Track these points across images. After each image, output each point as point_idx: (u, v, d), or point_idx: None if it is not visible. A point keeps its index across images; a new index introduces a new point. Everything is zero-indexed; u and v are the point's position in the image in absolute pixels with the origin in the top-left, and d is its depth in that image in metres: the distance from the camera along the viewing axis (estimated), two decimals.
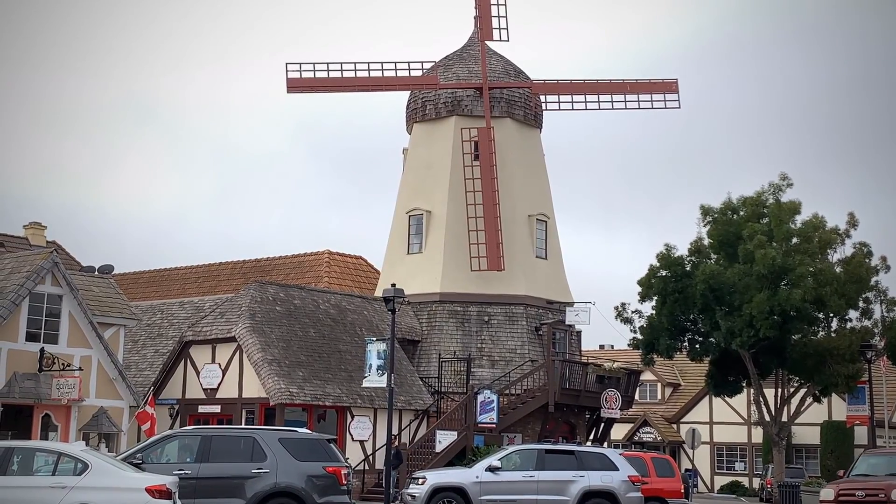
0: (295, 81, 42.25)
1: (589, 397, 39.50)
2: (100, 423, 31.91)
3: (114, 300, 35.88)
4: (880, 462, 24.17)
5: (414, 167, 44.04)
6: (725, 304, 36.48)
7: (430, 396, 39.42)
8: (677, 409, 61.11)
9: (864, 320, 38.32)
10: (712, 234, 38.36)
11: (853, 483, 22.41)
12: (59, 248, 50.55)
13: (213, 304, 40.97)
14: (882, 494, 21.11)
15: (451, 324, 41.08)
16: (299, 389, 34.90)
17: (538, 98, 44.10)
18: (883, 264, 37.86)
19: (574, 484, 24.51)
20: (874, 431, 39.88)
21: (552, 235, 43.96)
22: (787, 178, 38.40)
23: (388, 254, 44.49)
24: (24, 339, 30.61)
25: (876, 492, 21.34)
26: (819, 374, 37.10)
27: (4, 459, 16.40)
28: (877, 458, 24.78)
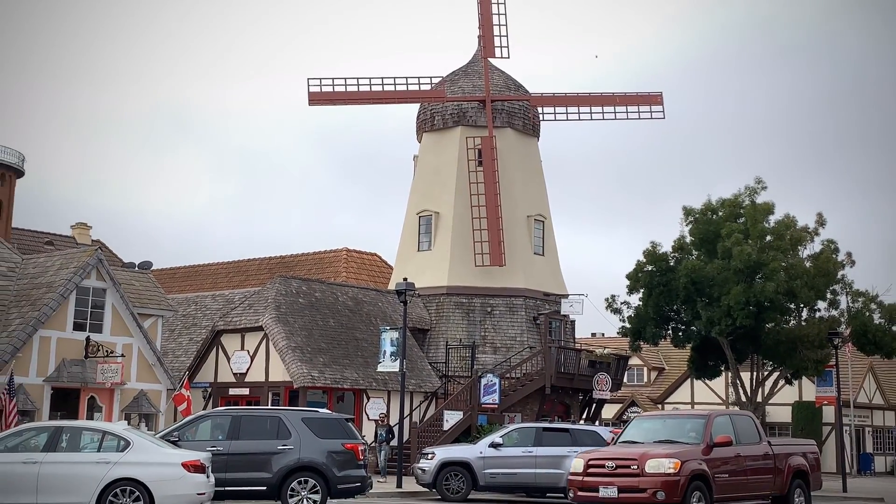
0: (316, 95, 42.26)
1: (582, 380, 39.49)
2: (140, 405, 31.97)
3: (152, 293, 35.94)
4: (653, 427, 19.41)
5: (423, 172, 44.03)
6: (706, 295, 36.43)
7: (438, 380, 39.45)
8: (662, 390, 61.05)
9: (831, 310, 38.21)
10: (694, 233, 38.28)
11: (604, 453, 17.86)
12: (103, 247, 50.63)
13: (242, 297, 41.02)
14: (634, 466, 16.73)
15: (457, 314, 41.10)
16: (320, 374, 34.95)
17: (536, 110, 44.09)
18: (848, 259, 37.73)
19: (568, 458, 24.36)
20: (840, 410, 39.80)
21: (549, 234, 43.93)
22: (761, 181, 38.30)
23: (400, 251, 44.49)
24: (71, 329, 30.68)
25: (628, 462, 16.88)
26: (790, 358, 37.02)
27: (54, 438, 16.44)
28: (650, 423, 20.05)
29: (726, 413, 20.13)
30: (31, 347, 29.63)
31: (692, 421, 18.77)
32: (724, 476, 17.43)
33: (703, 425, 17.95)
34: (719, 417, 18.60)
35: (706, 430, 17.72)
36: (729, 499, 17.79)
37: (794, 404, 53.45)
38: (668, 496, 16.17)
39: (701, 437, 17.68)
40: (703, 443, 17.53)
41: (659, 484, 16.27)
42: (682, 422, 19.27)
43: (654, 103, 43.35)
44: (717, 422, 18.16)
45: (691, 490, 16.39)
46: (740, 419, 19.28)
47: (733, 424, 18.58)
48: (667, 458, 16.59)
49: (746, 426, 19.11)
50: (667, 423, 19.34)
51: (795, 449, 20.47)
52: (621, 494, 16.59)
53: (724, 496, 17.48)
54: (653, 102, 43.36)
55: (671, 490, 16.18)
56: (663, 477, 16.28)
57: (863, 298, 38.11)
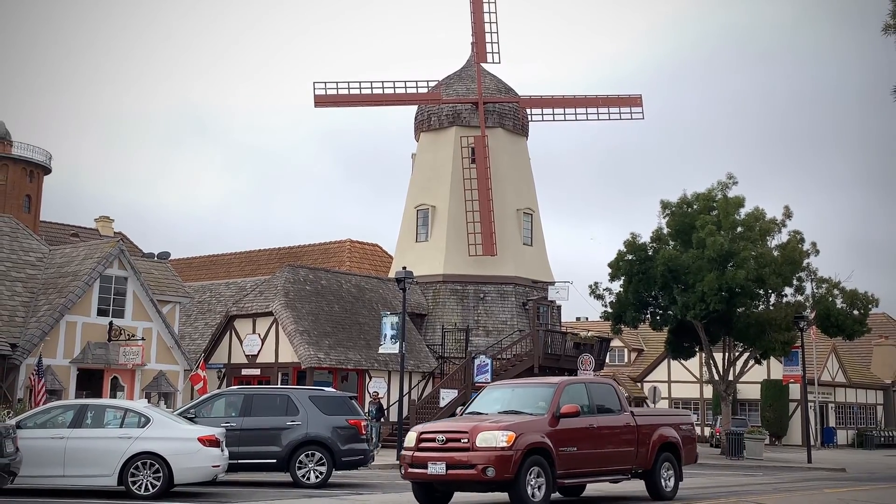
0: (321, 98, 42.21)
1: (568, 360, 39.52)
2: (159, 384, 31.98)
3: (170, 281, 35.91)
4: (502, 396, 16.28)
5: (421, 169, 44.00)
6: (681, 282, 36.46)
7: (434, 360, 39.48)
8: (641, 370, 61.17)
9: (797, 296, 38.31)
10: (670, 225, 38.29)
11: (436, 425, 15.15)
12: (124, 238, 50.59)
13: (253, 285, 41.00)
14: (465, 439, 14.00)
15: (452, 300, 41.13)
16: (326, 355, 34.96)
17: (525, 111, 44.06)
18: (813, 249, 37.78)
19: None
20: (805, 388, 39.94)
21: (537, 226, 43.94)
22: (733, 177, 38.33)
23: (399, 242, 44.48)
24: (95, 314, 30.67)
25: (458, 436, 14.15)
26: (760, 340, 37.09)
27: (80, 415, 16.44)
28: (500, 392, 16.70)
29: (581, 381, 16.76)
30: (59, 332, 29.63)
31: (543, 389, 15.65)
32: (570, 449, 14.75)
33: (552, 394, 15.16)
34: (572, 386, 15.74)
35: (554, 399, 14.98)
36: (578, 474, 15.19)
37: (762, 382, 53.58)
38: (498, 472, 13.63)
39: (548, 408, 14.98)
40: (549, 413, 14.79)
41: (489, 459, 13.68)
42: (532, 391, 16.01)
43: (634, 105, 43.33)
44: (569, 390, 15.44)
45: (528, 465, 13.87)
46: (598, 387, 16.51)
47: (589, 393, 15.85)
48: (500, 430, 13.93)
49: (605, 395, 16.34)
50: (516, 393, 16.25)
51: (664, 420, 17.36)
52: (450, 471, 13.95)
53: (570, 471, 14.88)
54: (633, 104, 43.34)
55: (502, 466, 13.65)
56: (495, 451, 13.70)
57: (826, 285, 38.21)
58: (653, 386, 52.57)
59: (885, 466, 35.06)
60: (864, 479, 26.31)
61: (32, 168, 64.33)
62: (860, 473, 29.84)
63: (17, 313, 29.65)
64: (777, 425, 53.63)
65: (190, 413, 19.12)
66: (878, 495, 19.57)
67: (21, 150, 64.33)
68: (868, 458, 41.81)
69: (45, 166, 65.77)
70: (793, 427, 54.07)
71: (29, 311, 29.88)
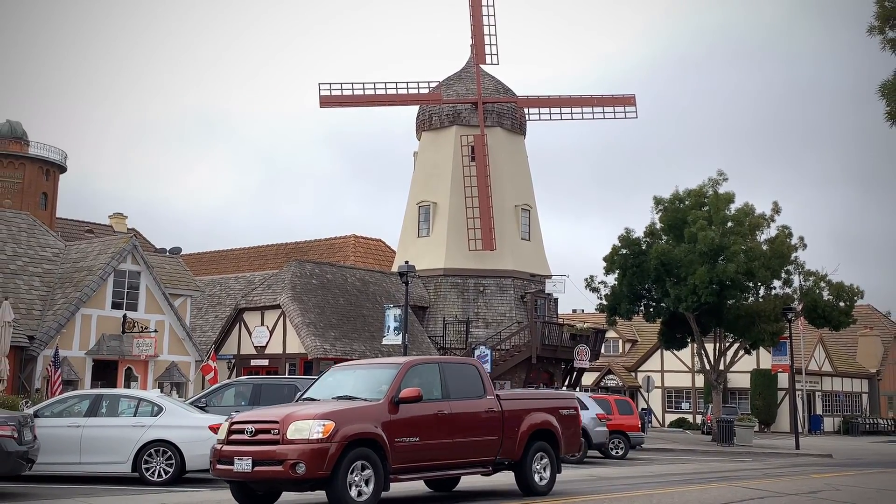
0: (326, 98, 42.17)
1: (564, 351, 39.57)
2: (171, 375, 32.00)
3: (182, 275, 35.93)
4: (343, 380, 13.59)
5: (422, 167, 43.98)
6: (674, 275, 36.48)
7: (436, 351, 39.47)
8: (635, 360, 61.22)
9: (785, 288, 38.32)
10: (663, 220, 38.29)
11: (248, 415, 12.44)
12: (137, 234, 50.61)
13: (261, 279, 40.99)
14: (275, 431, 11.54)
15: (453, 293, 41.13)
16: (331, 346, 34.97)
17: (523, 110, 44.02)
18: (801, 243, 37.79)
19: None
20: (793, 377, 39.97)
21: (534, 221, 43.92)
22: (723, 174, 38.33)
23: (402, 237, 44.47)
24: (110, 307, 30.69)
25: (268, 426, 11.68)
26: (749, 331, 37.11)
27: (95, 404, 16.46)
28: (342, 374, 13.93)
29: (435, 361, 14.29)
30: (74, 324, 29.65)
31: (386, 371, 13.12)
32: (412, 440, 12.32)
33: (394, 377, 12.70)
34: (420, 367, 13.28)
35: (394, 382, 12.52)
36: (421, 468, 12.67)
37: (752, 372, 53.62)
38: (310, 468, 11.20)
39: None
40: (385, 398, 12.33)
41: (300, 453, 11.24)
42: (374, 373, 13.45)
43: (627, 104, 43.29)
44: (416, 372, 13.01)
45: (350, 460, 11.46)
46: (457, 369, 13.91)
47: (443, 375, 13.36)
48: (316, 419, 11.46)
49: (465, 377, 13.76)
50: (358, 375, 13.65)
51: (538, 404, 14.72)
52: (256, 468, 11.48)
53: (411, 465, 12.40)
54: (627, 104, 43.30)
55: (316, 461, 11.20)
56: (308, 444, 11.26)
57: (813, 278, 38.20)
58: (646, 376, 52.67)
59: (870, 452, 35.09)
60: (849, 465, 26.33)
61: (49, 167, 64.34)
62: (846, 459, 29.86)
63: (35, 307, 29.69)
64: (766, 413, 53.68)
65: (201, 402, 19.11)
66: (863, 480, 19.60)
67: (37, 149, 64.34)
68: (854, 445, 41.84)
69: (61, 165, 65.78)
70: (781, 415, 54.12)
71: (46, 305, 29.91)
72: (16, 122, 64.98)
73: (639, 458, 27.39)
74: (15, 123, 64.76)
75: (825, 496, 15.53)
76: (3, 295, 27.62)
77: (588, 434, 24.43)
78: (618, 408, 28.81)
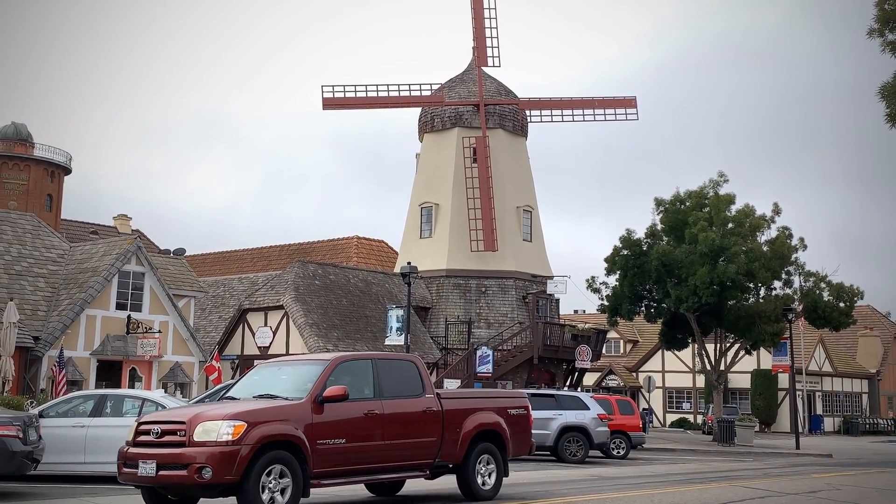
0: (329, 101, 42.17)
1: (566, 351, 39.53)
2: (175, 375, 32.00)
3: (185, 276, 35.95)
4: (268, 377, 12.62)
5: (425, 168, 43.95)
6: (675, 276, 36.45)
7: (438, 352, 39.46)
8: (636, 360, 61.17)
9: (785, 289, 38.27)
10: (664, 221, 38.26)
11: (157, 415, 11.67)
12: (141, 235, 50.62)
13: (265, 280, 41.00)
14: (182, 432, 10.63)
15: (455, 294, 41.09)
16: (334, 346, 34.93)
17: (524, 112, 43.98)
18: (801, 244, 37.75)
19: (554, 420, 24.56)
20: (794, 377, 39.92)
21: (536, 222, 43.88)
22: (724, 175, 38.30)
23: (404, 238, 44.45)
24: (114, 308, 30.71)
25: (175, 427, 10.77)
26: (750, 331, 37.07)
27: (100, 404, 16.45)
28: (266, 371, 12.94)
29: (368, 357, 13.00)
30: (79, 325, 29.67)
31: (312, 368, 12.11)
32: (337, 442, 11.36)
33: (319, 374, 11.75)
34: (350, 363, 12.36)
35: (319, 380, 11.59)
36: (347, 472, 11.68)
37: (752, 372, 53.56)
38: (217, 473, 10.26)
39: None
40: (309, 397, 11.39)
41: (207, 457, 10.30)
42: (300, 370, 12.35)
43: (628, 106, 43.25)
44: (345, 369, 12.09)
45: (263, 464, 10.54)
46: (393, 366, 12.91)
47: (377, 373, 12.39)
48: (226, 419, 10.53)
49: (402, 375, 12.82)
50: (283, 372, 12.69)
51: (484, 403, 13.88)
52: (160, 472, 10.57)
53: (335, 469, 11.44)
54: (627, 106, 43.26)
55: (224, 465, 10.27)
56: (216, 447, 10.32)
57: (813, 278, 38.16)
58: (647, 376, 52.68)
59: (870, 452, 35.04)
60: (850, 465, 26.30)
61: (53, 168, 64.39)
62: (846, 459, 29.82)
63: (40, 307, 29.70)
64: (766, 413, 53.62)
65: (205, 402, 19.07)
66: (863, 480, 19.56)
67: (42, 151, 64.40)
68: (854, 445, 41.79)
69: (66, 167, 65.83)
70: (781, 415, 54.06)
71: (51, 306, 29.92)
72: (21, 124, 65.02)
73: (640, 458, 27.37)
74: (20, 125, 64.81)
75: (825, 496, 15.50)
76: (8, 296, 27.64)
77: (589, 434, 24.46)
78: (619, 408, 28.80)
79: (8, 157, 62.58)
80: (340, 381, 11.77)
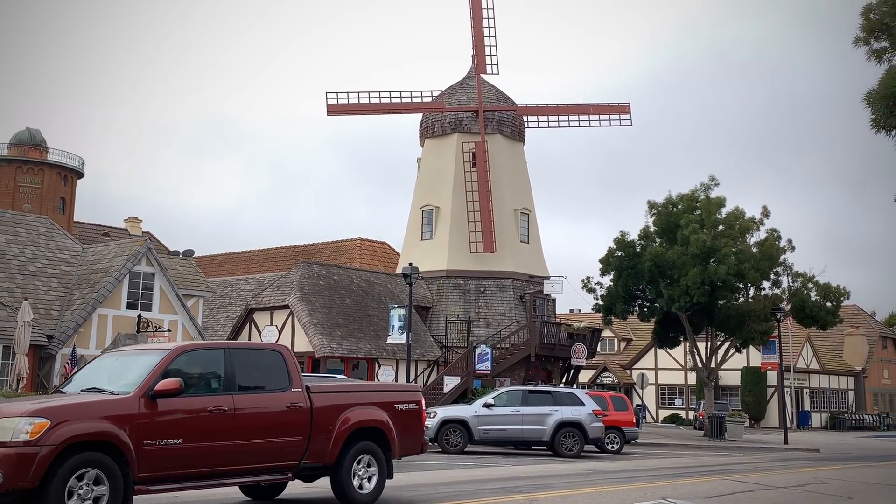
0: (333, 107, 42.19)
1: (562, 349, 39.53)
2: None
3: (194, 277, 35.93)
4: (102, 368, 10.88)
5: (426, 172, 43.96)
6: (667, 277, 36.42)
7: (439, 350, 39.46)
8: (630, 358, 61.13)
9: (774, 289, 38.22)
10: (657, 223, 38.23)
11: None
12: (151, 237, 50.60)
13: (270, 280, 41.00)
14: None
15: (455, 293, 41.09)
16: (338, 345, 34.96)
17: (522, 118, 44.00)
18: (789, 246, 37.71)
19: (550, 416, 24.54)
20: (782, 374, 39.90)
21: (533, 224, 43.89)
22: (714, 179, 38.26)
23: (406, 240, 44.45)
24: (125, 307, 30.71)
25: None
26: (740, 330, 37.04)
27: None
28: (107, 361, 11.16)
29: (217, 346, 11.29)
30: (91, 324, 29.66)
31: (149, 358, 10.40)
32: (171, 442, 9.74)
33: (156, 364, 10.10)
34: (195, 353, 10.75)
35: (153, 371, 9.95)
36: (182, 477, 9.98)
37: (742, 369, 53.53)
38: (10, 478, 8.68)
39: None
40: (137, 392, 9.75)
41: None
42: (138, 360, 10.61)
43: (622, 112, 43.27)
44: (189, 359, 10.52)
45: (72, 467, 8.92)
46: (249, 356, 11.27)
47: (230, 363, 10.69)
48: (25, 416, 8.91)
49: (261, 366, 11.15)
50: (121, 363, 10.87)
51: (365, 397, 12.07)
52: None
53: (167, 474, 9.80)
54: (622, 112, 43.27)
55: (19, 468, 8.70)
56: (10, 447, 8.75)
57: (801, 279, 38.13)
58: (641, 373, 52.70)
59: (856, 447, 35.04)
60: (837, 459, 26.30)
61: (66, 172, 64.39)
62: (833, 454, 29.83)
63: (53, 307, 29.70)
64: (756, 409, 53.59)
65: None
66: (849, 473, 19.57)
67: (56, 156, 64.40)
68: (840, 440, 41.79)
69: (79, 171, 65.83)
70: (770, 411, 54.05)
71: (64, 305, 29.92)
72: (35, 129, 65.04)
73: (634, 453, 27.37)
74: (34, 131, 64.82)
75: (813, 489, 15.50)
76: (23, 296, 27.66)
77: (585, 430, 24.46)
78: (613, 404, 28.81)
79: (23, 161, 62.59)
80: (183, 372, 10.18)
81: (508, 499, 13.02)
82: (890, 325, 77.07)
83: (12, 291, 29.06)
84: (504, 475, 17.24)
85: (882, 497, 14.87)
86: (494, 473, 17.58)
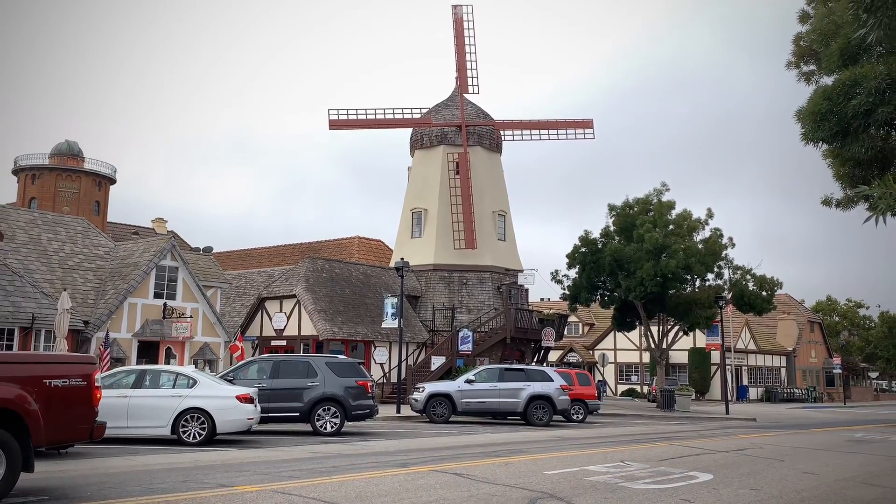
0: (334, 122, 42.02)
1: (534, 333, 39.55)
2: (204, 353, 31.85)
3: (213, 270, 35.76)
4: None
5: (415, 179, 43.88)
6: (625, 270, 36.51)
7: (427, 333, 39.42)
8: (593, 340, 61.26)
9: (717, 280, 38.37)
10: (616, 223, 38.30)
11: None
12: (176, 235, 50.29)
13: (280, 273, 40.85)
14: None
15: (441, 285, 41.05)
16: (339, 329, 34.87)
17: (499, 132, 43.95)
18: (730, 243, 37.86)
19: (523, 391, 24.56)
20: (724, 354, 40.04)
21: (509, 225, 43.89)
22: (665, 184, 38.35)
23: (398, 238, 44.37)
24: (152, 297, 30.53)
25: None
26: (688, 316, 37.19)
27: (140, 378, 16.36)
28: None
29: None
30: (122, 311, 29.48)
31: None
32: None
33: None
34: None
35: None
36: None
37: (689, 350, 53.75)
38: None
39: None
40: None
41: None
42: None
43: (586, 127, 43.31)
44: None
45: None
46: None
47: None
48: None
49: None
50: None
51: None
52: None
53: None
54: (586, 127, 43.31)
55: None
56: None
57: (741, 271, 38.30)
58: (602, 353, 52.81)
59: (787, 417, 35.26)
60: (770, 427, 26.46)
61: (101, 179, 63.88)
62: (768, 423, 30.01)
63: (89, 297, 29.51)
64: (701, 384, 53.84)
65: (229, 376, 19.04)
66: (781, 440, 19.68)
67: (91, 164, 63.88)
68: (774, 411, 42.04)
69: (111, 178, 65.32)
70: (714, 385, 54.30)
71: (98, 295, 29.74)
72: (73, 141, 64.53)
73: (596, 422, 27.43)
74: (72, 143, 64.31)
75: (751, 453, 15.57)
76: (62, 287, 27.46)
77: (553, 402, 24.50)
78: (578, 380, 28.84)
79: (62, 169, 62.10)
80: None
81: (487, 462, 13.03)
82: (817, 311, 77.59)
83: (53, 283, 28.88)
84: (483, 441, 17.23)
85: (810, 459, 14.97)
86: (475, 440, 17.57)
